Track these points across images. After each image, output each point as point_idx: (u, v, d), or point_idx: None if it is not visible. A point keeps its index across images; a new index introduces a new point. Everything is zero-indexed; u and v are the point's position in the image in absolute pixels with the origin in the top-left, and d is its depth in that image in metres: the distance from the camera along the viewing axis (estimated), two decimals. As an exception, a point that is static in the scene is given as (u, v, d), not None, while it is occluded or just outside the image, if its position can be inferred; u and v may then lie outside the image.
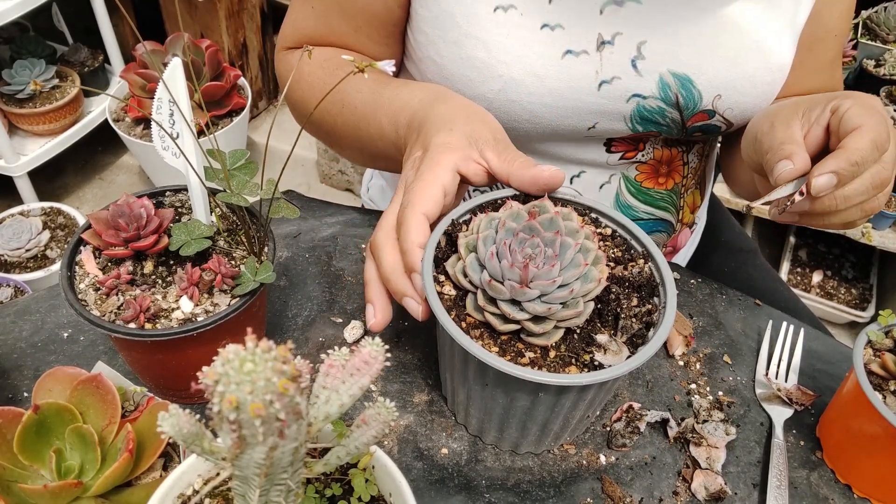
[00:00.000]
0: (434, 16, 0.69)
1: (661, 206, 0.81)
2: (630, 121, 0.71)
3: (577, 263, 0.51)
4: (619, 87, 0.68)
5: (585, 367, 0.51)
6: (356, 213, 0.80)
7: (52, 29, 2.03)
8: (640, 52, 0.67)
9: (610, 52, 0.67)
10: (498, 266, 0.50)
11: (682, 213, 0.84)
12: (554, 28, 0.66)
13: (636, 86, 0.68)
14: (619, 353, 0.51)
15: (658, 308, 0.54)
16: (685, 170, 0.81)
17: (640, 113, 0.70)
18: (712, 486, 0.58)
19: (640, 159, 0.76)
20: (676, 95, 0.69)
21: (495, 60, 0.67)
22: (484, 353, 0.49)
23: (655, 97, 0.69)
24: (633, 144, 0.75)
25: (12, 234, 1.74)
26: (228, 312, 0.53)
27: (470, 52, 0.67)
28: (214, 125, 1.84)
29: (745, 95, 0.71)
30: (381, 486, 0.44)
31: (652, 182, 0.78)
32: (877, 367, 0.57)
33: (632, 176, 0.77)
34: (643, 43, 0.67)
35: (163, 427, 0.34)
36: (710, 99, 0.70)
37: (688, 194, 0.84)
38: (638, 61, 0.68)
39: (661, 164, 0.78)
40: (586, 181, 0.77)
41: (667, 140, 0.76)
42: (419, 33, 0.72)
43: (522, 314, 0.50)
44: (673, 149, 0.78)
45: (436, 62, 0.71)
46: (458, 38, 0.68)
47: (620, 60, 0.68)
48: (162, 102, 0.53)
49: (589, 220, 0.60)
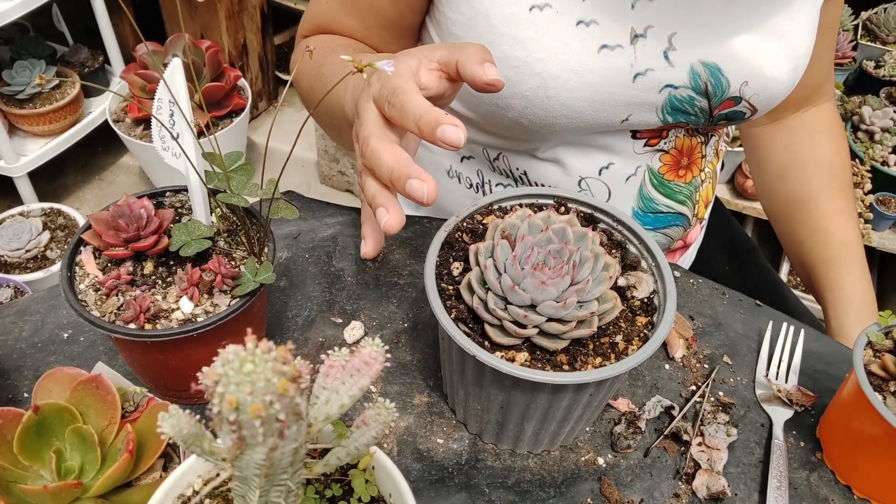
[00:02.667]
0: (467, 19, 0.70)
1: (679, 200, 0.83)
2: (661, 111, 0.73)
3: (599, 279, 0.51)
4: (652, 78, 0.70)
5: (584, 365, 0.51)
6: (356, 213, 0.80)
7: (52, 29, 2.03)
8: (672, 43, 0.69)
9: (643, 44, 0.69)
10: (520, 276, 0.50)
11: (697, 207, 0.86)
12: (589, 24, 0.67)
13: (668, 76, 0.70)
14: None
15: (657, 309, 0.54)
16: (702, 163, 0.83)
17: (671, 103, 0.72)
18: (714, 486, 0.58)
19: (663, 147, 0.78)
20: (706, 84, 0.71)
21: (533, 59, 0.68)
22: (482, 353, 0.49)
23: (686, 86, 0.71)
24: (657, 132, 0.77)
25: (12, 235, 1.74)
26: (228, 313, 0.53)
27: (507, 51, 0.68)
28: (214, 126, 1.85)
29: (771, 81, 0.73)
30: (380, 486, 0.44)
31: (673, 174, 0.80)
32: (877, 368, 0.57)
33: (656, 168, 0.79)
34: (674, 34, 0.69)
35: (163, 427, 0.34)
36: (738, 86, 0.72)
37: (703, 188, 0.86)
38: (669, 52, 0.69)
39: (682, 156, 0.80)
40: (614, 173, 0.79)
41: (688, 130, 0.79)
42: (450, 36, 0.72)
43: (533, 330, 0.50)
44: (693, 138, 0.80)
45: None
46: (493, 39, 0.68)
47: (653, 52, 0.69)
48: (162, 103, 0.53)
49: (582, 215, 0.60)
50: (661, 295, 0.55)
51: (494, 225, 0.54)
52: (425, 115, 0.49)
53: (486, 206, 0.60)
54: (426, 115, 0.49)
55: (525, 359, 0.51)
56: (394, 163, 0.50)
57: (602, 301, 0.52)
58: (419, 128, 0.50)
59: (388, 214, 0.51)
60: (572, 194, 0.61)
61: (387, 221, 0.51)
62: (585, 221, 0.60)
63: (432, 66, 0.56)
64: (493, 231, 0.54)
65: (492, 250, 0.53)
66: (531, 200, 0.61)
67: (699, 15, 0.69)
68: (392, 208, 0.51)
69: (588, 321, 0.51)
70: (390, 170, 0.50)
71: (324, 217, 0.79)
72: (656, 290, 0.56)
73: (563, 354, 0.51)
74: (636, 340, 0.53)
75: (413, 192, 0.49)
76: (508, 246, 0.52)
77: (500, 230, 0.53)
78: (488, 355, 0.49)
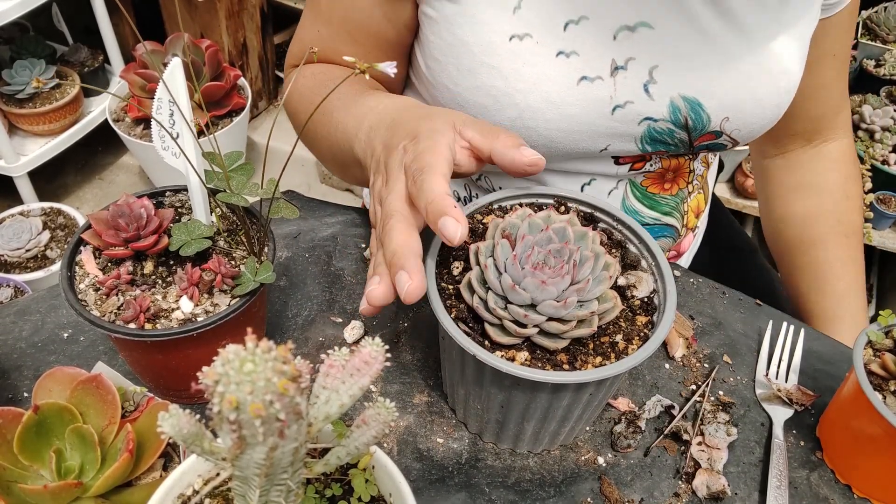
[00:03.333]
0: (448, 44, 0.69)
1: (666, 211, 0.82)
2: (640, 141, 0.71)
3: (600, 279, 0.51)
4: (631, 111, 0.69)
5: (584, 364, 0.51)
6: (356, 213, 0.80)
7: (52, 29, 2.03)
8: (652, 76, 0.68)
9: (623, 77, 0.68)
10: (520, 275, 0.50)
11: (687, 217, 0.85)
12: (569, 55, 0.67)
13: (648, 109, 0.69)
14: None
15: (657, 308, 0.54)
16: (690, 176, 0.82)
17: (650, 134, 0.71)
18: (714, 485, 0.58)
19: (648, 169, 0.77)
20: (686, 118, 0.70)
21: (512, 89, 0.67)
22: (482, 352, 0.49)
23: (666, 119, 0.70)
24: (640, 156, 0.76)
25: (12, 235, 1.74)
26: (228, 312, 0.53)
27: (486, 80, 0.67)
28: (214, 125, 1.84)
29: (753, 117, 0.72)
30: (380, 486, 0.44)
31: (657, 188, 0.79)
32: (877, 368, 0.57)
33: (638, 181, 0.78)
34: (655, 67, 0.68)
35: (163, 427, 0.34)
36: (719, 121, 0.71)
37: (692, 199, 0.84)
38: (650, 86, 0.68)
39: (668, 172, 0.79)
40: (596, 188, 0.78)
41: (672, 154, 0.77)
42: (431, 60, 0.72)
43: (533, 330, 0.50)
44: (680, 158, 0.79)
45: (450, 89, 0.71)
46: (473, 66, 0.68)
47: (633, 85, 0.68)
48: (162, 102, 0.53)
49: (582, 214, 0.60)
50: (661, 294, 0.55)
51: (495, 224, 0.54)
52: (435, 201, 0.49)
53: (486, 205, 0.60)
54: (436, 201, 0.49)
55: (525, 358, 0.51)
56: (398, 249, 0.50)
57: (602, 300, 0.52)
58: (426, 211, 0.50)
59: (412, 281, 0.48)
60: (572, 194, 0.60)
61: (409, 288, 0.48)
62: (585, 221, 0.60)
63: (463, 143, 0.56)
64: (494, 230, 0.54)
65: (492, 250, 0.53)
66: (531, 200, 0.61)
67: (682, 48, 0.68)
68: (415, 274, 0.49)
69: (588, 320, 0.51)
70: (392, 253, 0.50)
71: (324, 217, 0.79)
72: (656, 289, 0.56)
73: (563, 354, 0.51)
74: (636, 340, 0.53)
75: (397, 283, 0.49)
76: (509, 245, 0.52)
77: (500, 229, 0.53)
78: (488, 355, 0.49)
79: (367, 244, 0.76)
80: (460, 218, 0.49)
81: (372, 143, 0.61)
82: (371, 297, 0.51)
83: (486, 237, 0.54)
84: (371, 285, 0.51)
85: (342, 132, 0.67)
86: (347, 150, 0.67)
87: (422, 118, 0.58)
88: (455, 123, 0.57)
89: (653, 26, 0.67)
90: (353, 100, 0.68)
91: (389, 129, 0.60)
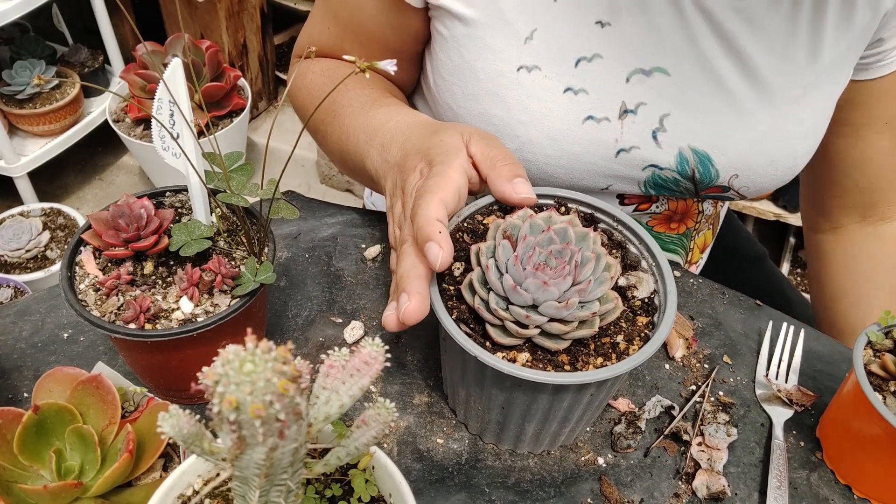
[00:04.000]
0: (455, 65, 0.68)
1: (670, 249, 0.80)
2: (643, 185, 0.70)
3: (601, 280, 0.51)
4: (636, 156, 0.67)
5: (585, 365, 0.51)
6: (356, 213, 0.80)
7: (52, 29, 2.03)
8: (662, 124, 0.66)
9: (632, 121, 0.66)
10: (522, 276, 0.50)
11: (692, 254, 0.83)
12: (577, 92, 0.65)
13: (654, 157, 0.67)
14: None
15: (657, 309, 0.54)
16: (699, 216, 0.80)
17: (654, 181, 0.69)
18: (715, 485, 0.58)
19: (655, 210, 0.75)
20: (693, 170, 0.68)
21: (514, 121, 0.66)
22: (483, 353, 0.49)
23: (672, 169, 0.68)
24: (647, 197, 0.74)
25: (12, 235, 1.74)
26: (228, 313, 0.53)
27: (488, 108, 0.66)
28: (214, 126, 1.84)
29: (764, 177, 0.69)
30: (380, 486, 0.44)
31: (664, 227, 0.77)
32: (877, 368, 0.57)
33: (643, 221, 0.76)
34: (666, 115, 0.66)
35: (163, 427, 0.34)
36: (727, 177, 0.69)
37: (699, 236, 0.82)
38: (659, 133, 0.66)
39: (675, 214, 0.77)
40: None
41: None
42: (439, 78, 0.71)
43: (534, 330, 0.50)
44: (688, 200, 0.76)
45: (453, 110, 0.70)
46: (477, 92, 0.66)
47: (641, 131, 0.66)
48: (162, 103, 0.53)
49: (583, 215, 0.60)
50: (661, 295, 0.55)
51: (496, 225, 0.54)
52: (424, 227, 0.50)
53: (487, 206, 0.60)
54: (424, 227, 0.50)
55: (526, 359, 0.51)
56: (404, 273, 0.51)
57: (603, 301, 0.52)
58: (417, 235, 0.51)
59: (410, 302, 0.49)
60: (573, 194, 0.60)
61: (406, 309, 0.49)
62: (586, 221, 0.60)
63: (469, 158, 0.56)
64: (495, 231, 0.54)
65: (493, 250, 0.53)
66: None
67: (697, 99, 0.66)
68: (415, 296, 0.50)
69: (590, 321, 0.51)
70: (400, 277, 0.51)
71: (324, 217, 0.79)
72: (657, 289, 0.56)
73: (564, 354, 0.51)
74: (637, 340, 0.53)
75: (399, 304, 0.50)
76: (510, 246, 0.52)
77: (501, 230, 0.53)
78: (490, 356, 0.49)
79: (367, 245, 0.76)
80: (443, 243, 0.49)
81: (386, 163, 0.61)
82: (384, 322, 0.52)
83: (487, 238, 0.54)
84: (387, 311, 0.53)
85: (353, 143, 0.67)
86: (359, 162, 0.67)
87: (432, 133, 0.58)
88: (463, 135, 0.57)
89: (669, 73, 0.65)
90: (364, 110, 0.68)
91: (402, 149, 0.60)
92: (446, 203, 0.52)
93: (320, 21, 0.78)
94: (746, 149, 0.67)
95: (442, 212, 0.51)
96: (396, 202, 0.58)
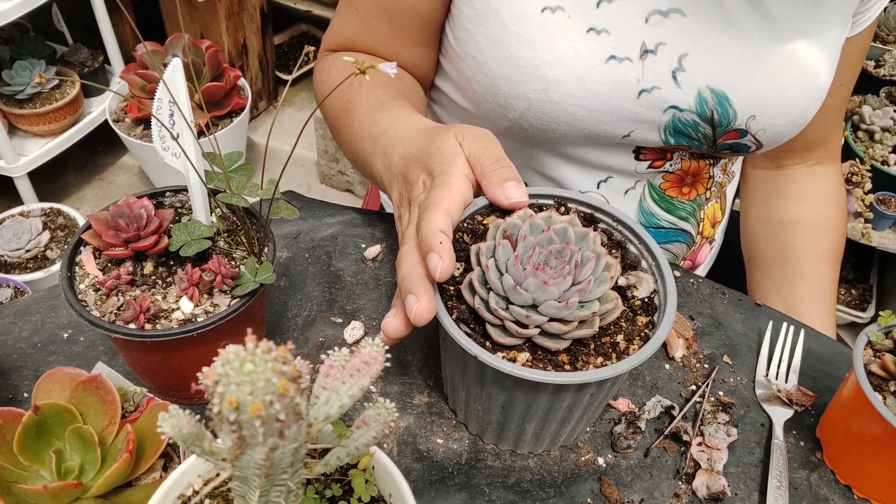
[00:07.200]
0: (479, 13, 0.69)
1: (682, 216, 0.81)
2: (663, 132, 0.71)
3: (601, 280, 0.51)
4: (657, 96, 0.68)
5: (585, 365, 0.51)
6: (356, 213, 0.80)
7: (52, 29, 2.03)
8: (682, 64, 0.68)
9: (652, 61, 0.67)
10: (522, 276, 0.50)
11: (703, 225, 0.84)
12: (600, 32, 0.66)
13: (674, 97, 0.69)
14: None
15: (657, 308, 0.54)
16: (709, 182, 0.81)
17: (674, 124, 0.70)
18: (715, 485, 0.58)
19: (668, 169, 0.77)
20: (712, 111, 0.70)
21: (539, 60, 0.67)
22: (483, 353, 0.49)
23: (691, 110, 0.69)
24: (662, 154, 0.75)
25: (12, 235, 1.74)
26: (228, 313, 0.53)
27: (514, 50, 0.67)
28: (214, 126, 1.84)
29: (780, 118, 0.71)
30: (380, 486, 0.44)
31: (675, 191, 0.79)
32: (877, 368, 0.57)
33: (657, 184, 0.78)
34: (685, 55, 0.67)
35: (163, 428, 0.34)
36: (745, 119, 0.70)
37: (709, 206, 0.84)
38: (678, 73, 0.68)
39: (687, 175, 0.78)
40: (613, 186, 0.78)
41: (694, 153, 0.77)
42: (461, 30, 0.72)
43: (534, 330, 0.50)
44: (700, 161, 0.78)
45: (476, 60, 0.71)
46: (502, 35, 0.68)
47: (661, 70, 0.68)
48: (162, 103, 0.53)
49: (583, 215, 0.60)
50: (661, 294, 0.55)
51: (496, 225, 0.54)
52: (427, 237, 0.50)
53: (487, 206, 0.60)
54: (427, 238, 0.50)
55: (526, 359, 0.51)
56: (406, 274, 0.51)
57: (603, 301, 0.52)
58: (420, 246, 0.51)
59: (420, 303, 0.49)
60: (573, 195, 0.60)
61: (417, 310, 0.49)
62: (586, 221, 0.60)
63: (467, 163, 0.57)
64: (495, 231, 0.54)
65: (493, 250, 0.53)
66: (531, 201, 0.61)
67: (714, 39, 0.67)
68: (423, 296, 0.50)
69: (590, 321, 0.51)
70: (402, 279, 0.51)
71: (324, 217, 0.79)
72: (657, 289, 0.56)
73: (564, 354, 0.51)
74: (637, 340, 0.53)
75: (406, 306, 0.50)
76: (510, 246, 0.52)
77: (501, 230, 0.53)
78: (490, 356, 0.49)
79: (367, 244, 0.76)
80: (444, 254, 0.49)
81: (389, 171, 0.62)
82: (385, 329, 0.52)
83: (487, 238, 0.54)
84: (387, 318, 0.52)
85: (360, 147, 0.68)
86: (368, 164, 0.68)
87: (429, 141, 0.58)
88: (457, 137, 0.57)
89: (685, 13, 0.67)
90: (370, 113, 0.69)
91: (403, 159, 0.60)
92: (451, 213, 0.53)
93: (348, 4, 0.78)
94: (761, 87, 0.69)
95: (446, 223, 0.52)
96: (404, 213, 0.59)
